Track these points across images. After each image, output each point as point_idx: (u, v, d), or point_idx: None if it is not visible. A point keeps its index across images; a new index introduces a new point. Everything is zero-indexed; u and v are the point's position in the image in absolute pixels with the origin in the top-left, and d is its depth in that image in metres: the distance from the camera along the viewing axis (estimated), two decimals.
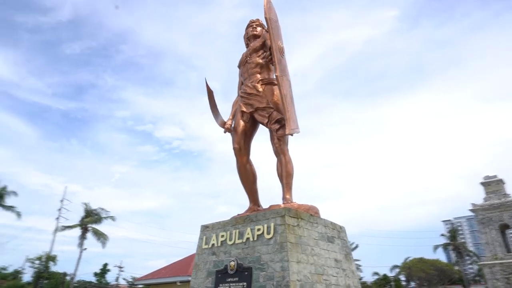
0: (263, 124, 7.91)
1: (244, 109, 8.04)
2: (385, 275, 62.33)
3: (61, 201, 48.44)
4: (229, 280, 6.22)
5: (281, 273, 5.55)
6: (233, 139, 8.03)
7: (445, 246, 60.54)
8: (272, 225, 6.09)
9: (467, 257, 63.57)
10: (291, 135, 7.56)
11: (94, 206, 44.62)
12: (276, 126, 7.57)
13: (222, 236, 6.83)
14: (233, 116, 8.51)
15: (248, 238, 6.36)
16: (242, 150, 7.89)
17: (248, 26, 9.19)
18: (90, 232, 43.48)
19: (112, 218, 45.59)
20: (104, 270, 61.13)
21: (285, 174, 7.46)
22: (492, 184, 42.03)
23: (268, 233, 6.07)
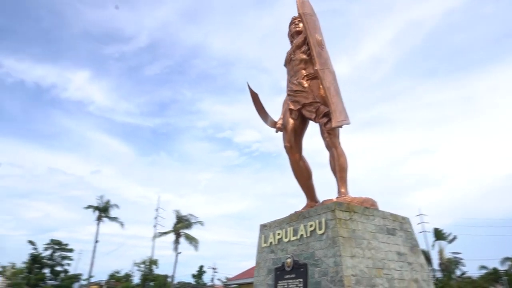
0: (311, 119, 7.84)
1: (292, 107, 8.06)
2: (494, 269, 55.63)
3: (156, 210, 53.32)
4: (286, 277, 6.32)
5: (334, 268, 5.47)
6: (284, 137, 8.10)
7: None
8: (323, 220, 6.02)
9: None
10: (340, 127, 7.38)
11: (184, 212, 48.10)
12: (324, 120, 7.44)
13: (279, 234, 6.95)
14: (283, 114, 8.59)
15: (302, 235, 6.38)
16: (293, 148, 7.92)
17: (291, 23, 9.17)
18: (182, 237, 47.03)
19: (201, 222, 48.66)
20: (201, 271, 65.48)
21: (338, 168, 7.29)
22: None
23: (320, 228, 6.02)
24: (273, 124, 8.49)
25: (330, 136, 7.49)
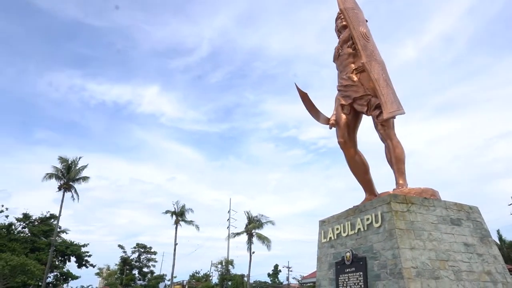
0: (363, 113, 7.78)
1: (343, 102, 8.07)
2: None
3: (228, 212, 55.52)
4: (347, 270, 6.39)
5: (393, 261, 5.44)
6: (337, 133, 8.14)
7: None
8: (379, 213, 6.00)
9: None
10: (393, 117, 7.23)
11: (255, 213, 49.36)
12: (376, 112, 7.35)
13: (337, 229, 7.04)
14: (336, 110, 8.61)
15: (359, 229, 6.40)
16: (347, 143, 7.92)
17: (337, 18, 9.15)
18: (254, 237, 48.28)
19: (272, 222, 49.53)
20: (276, 270, 66.44)
21: (394, 160, 7.15)
22: None
23: (377, 221, 6.00)
24: (326, 121, 8.56)
25: (384, 128, 7.38)
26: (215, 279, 56.87)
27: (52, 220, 43.00)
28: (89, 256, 46.26)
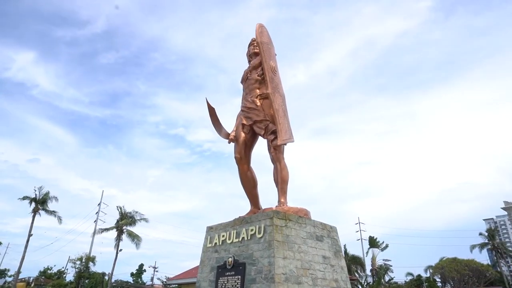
0: (260, 135, 8.78)
1: (245, 122, 8.94)
2: (419, 276, 61.01)
3: (98, 204, 51.62)
4: (227, 274, 7.16)
5: (268, 267, 6.41)
6: (235, 149, 8.95)
7: (482, 246, 58.40)
8: (262, 226, 6.96)
9: (509, 258, 60.90)
10: (284, 144, 8.41)
11: (129, 209, 47.09)
12: (271, 137, 8.42)
13: (223, 236, 7.78)
14: (236, 127, 9.46)
15: (243, 237, 7.26)
16: (243, 159, 8.79)
17: (250, 44, 10.05)
18: (125, 234, 45.98)
19: (146, 220, 47.97)
20: (140, 270, 64.09)
21: (280, 180, 8.29)
22: None
23: (259, 233, 6.95)
24: (226, 136, 9.32)
25: (276, 152, 8.49)
26: (70, 276, 51.77)
27: None
28: None
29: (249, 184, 8.85)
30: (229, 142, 9.35)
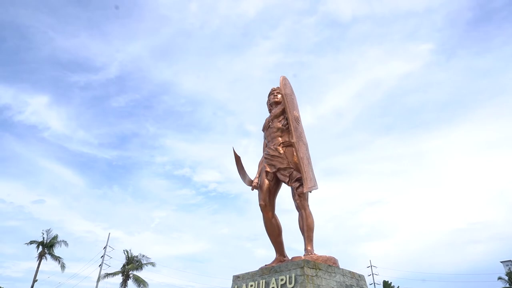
0: (285, 182, 8.96)
1: (268, 169, 9.16)
2: None
3: (104, 248, 50.64)
4: None
5: None
6: (259, 196, 9.10)
7: None
8: (293, 275, 6.95)
9: None
10: (310, 192, 8.56)
11: (135, 251, 46.16)
12: (296, 184, 8.59)
13: (251, 285, 7.73)
14: (259, 175, 9.66)
15: (273, 287, 7.22)
16: (267, 206, 8.90)
17: (270, 93, 10.53)
18: (131, 279, 44.74)
19: (153, 264, 46.81)
20: None
21: (306, 228, 8.34)
22: None
23: (290, 283, 6.92)
24: (250, 183, 9.52)
25: (300, 199, 8.61)
26: None
27: None
28: None
29: (274, 231, 8.90)
30: (252, 189, 9.53)
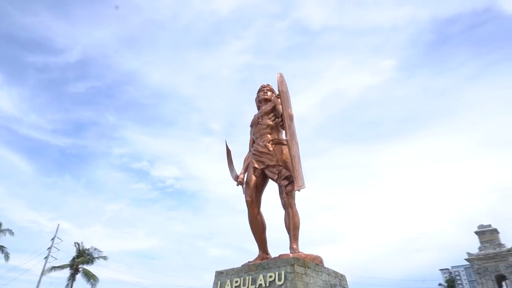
0: (273, 179, 8.92)
1: (256, 166, 9.08)
2: None
3: (52, 239, 47.67)
4: None
5: None
6: (246, 192, 8.99)
7: None
8: (283, 272, 6.91)
9: None
10: (298, 190, 8.59)
11: (86, 244, 44.06)
12: (285, 182, 8.58)
13: (236, 282, 7.58)
14: (245, 170, 9.56)
15: (260, 284, 7.13)
16: (254, 203, 8.82)
17: (260, 90, 10.46)
18: (80, 273, 42.67)
19: (105, 258, 44.99)
20: None
21: (292, 226, 8.35)
22: (486, 234, 42.56)
23: (279, 280, 6.88)
24: (236, 178, 9.40)
25: (288, 197, 8.61)
26: None
27: None
28: None
29: (259, 228, 8.83)
30: (237, 185, 9.42)
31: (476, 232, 43.28)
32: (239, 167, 9.76)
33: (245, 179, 9.32)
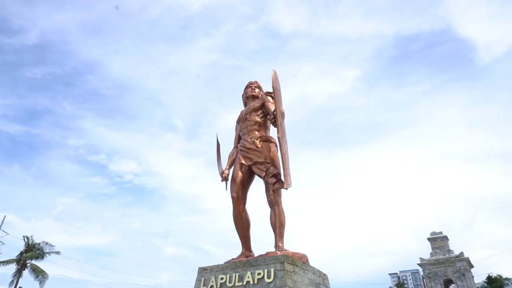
0: (260, 176, 8.82)
1: (243, 162, 8.95)
2: None
3: None
4: None
5: None
6: (232, 188, 8.83)
7: None
8: (272, 270, 6.84)
9: None
10: (286, 189, 8.56)
11: (36, 238, 41.49)
12: (273, 180, 8.51)
13: (222, 278, 7.41)
14: (230, 166, 9.41)
15: (248, 281, 7.01)
16: (239, 199, 8.69)
17: (247, 86, 10.36)
18: (28, 269, 40.10)
19: (57, 253, 42.65)
20: None
21: (278, 224, 8.30)
22: (437, 240, 45.15)
23: (269, 277, 6.80)
24: (221, 173, 9.23)
25: (275, 195, 8.55)
26: None
27: None
28: None
29: (244, 225, 8.72)
30: (222, 180, 9.26)
31: (428, 239, 45.93)
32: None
33: (230, 175, 9.17)
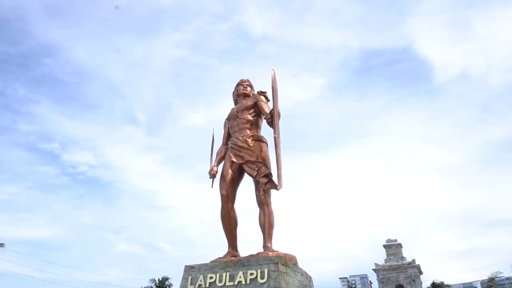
0: (251, 176, 8.74)
1: (234, 160, 8.83)
2: None
3: None
4: None
5: None
6: (221, 186, 8.68)
7: None
8: (265, 270, 6.77)
9: None
10: (277, 190, 8.55)
11: None
12: (265, 180, 8.46)
13: (211, 278, 7.23)
14: (218, 163, 9.28)
15: (240, 282, 6.89)
16: (229, 197, 8.56)
17: (239, 84, 10.26)
18: None
19: (2, 245, 39.81)
20: None
21: (267, 225, 8.26)
22: (392, 247, 47.33)
23: (262, 278, 6.72)
24: (210, 170, 9.08)
25: (265, 195, 8.52)
26: None
27: None
28: None
29: (231, 224, 8.59)
30: (210, 177, 9.12)
31: (384, 246, 48.11)
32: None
33: (219, 173, 9.02)
